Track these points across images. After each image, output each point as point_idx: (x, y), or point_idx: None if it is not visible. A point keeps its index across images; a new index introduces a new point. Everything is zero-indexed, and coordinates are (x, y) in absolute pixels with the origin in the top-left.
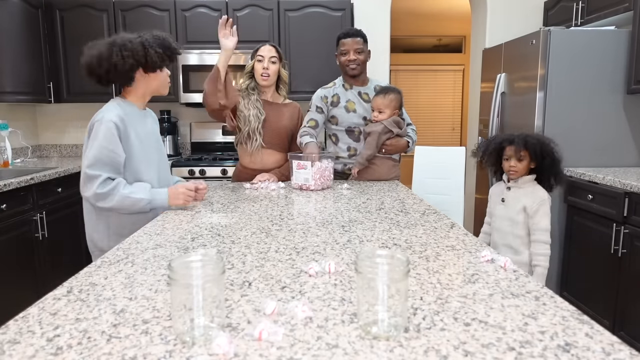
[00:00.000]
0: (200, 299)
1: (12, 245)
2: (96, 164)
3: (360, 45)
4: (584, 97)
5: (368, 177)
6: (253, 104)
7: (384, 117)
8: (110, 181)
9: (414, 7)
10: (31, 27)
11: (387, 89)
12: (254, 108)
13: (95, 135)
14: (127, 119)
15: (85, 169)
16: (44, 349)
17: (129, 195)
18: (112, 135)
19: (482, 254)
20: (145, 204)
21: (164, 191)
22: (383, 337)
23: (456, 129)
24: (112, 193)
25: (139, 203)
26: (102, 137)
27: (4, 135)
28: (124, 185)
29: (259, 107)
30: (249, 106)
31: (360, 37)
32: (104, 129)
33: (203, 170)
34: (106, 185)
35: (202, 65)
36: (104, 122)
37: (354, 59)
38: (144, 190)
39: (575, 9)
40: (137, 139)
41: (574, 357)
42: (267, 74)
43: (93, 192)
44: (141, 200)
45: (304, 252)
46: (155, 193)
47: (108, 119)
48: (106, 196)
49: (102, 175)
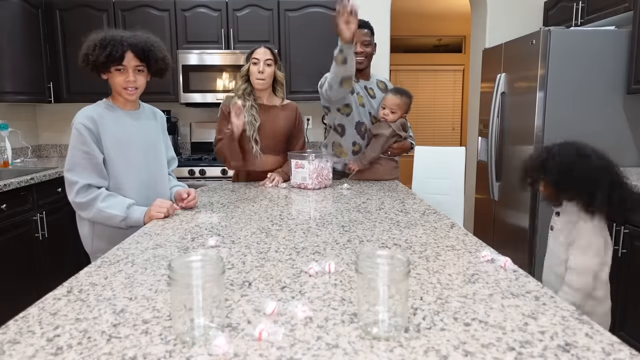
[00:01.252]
0: (200, 299)
1: (12, 245)
2: (74, 168)
3: (367, 38)
4: (584, 97)
5: (370, 176)
6: (248, 111)
7: (394, 118)
8: (91, 189)
9: (414, 7)
10: (31, 27)
11: (403, 91)
12: (249, 115)
13: (71, 139)
14: (100, 120)
15: (65, 173)
16: (44, 349)
17: (104, 210)
18: (82, 136)
19: (482, 254)
20: (119, 221)
21: (140, 210)
22: (383, 337)
23: (456, 129)
24: (89, 205)
25: (113, 219)
26: (74, 139)
27: (4, 135)
28: (102, 197)
29: (254, 114)
30: (245, 113)
31: (368, 28)
32: (74, 131)
33: (203, 170)
34: (86, 195)
35: (202, 65)
36: (74, 125)
37: (360, 51)
38: (120, 207)
39: (575, 9)
40: (112, 140)
41: (574, 357)
42: (262, 77)
43: (72, 200)
44: (116, 217)
45: (304, 252)
46: (132, 211)
47: (77, 122)
48: (84, 207)
49: (79, 182)
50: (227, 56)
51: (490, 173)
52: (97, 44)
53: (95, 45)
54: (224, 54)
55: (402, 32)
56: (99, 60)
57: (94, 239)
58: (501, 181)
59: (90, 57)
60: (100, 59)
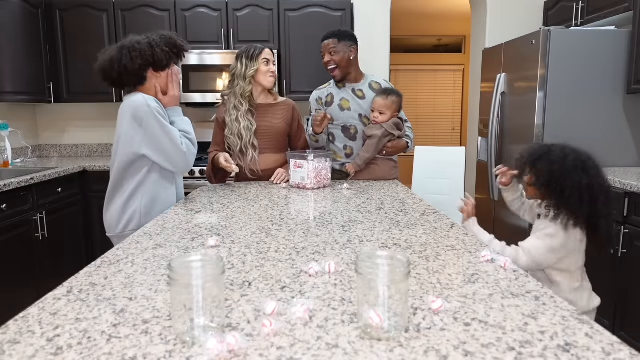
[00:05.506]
0: (200, 299)
1: (12, 245)
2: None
3: (333, 45)
4: (584, 97)
5: (369, 177)
6: (244, 116)
7: (384, 119)
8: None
9: (414, 7)
10: (31, 27)
11: (389, 90)
12: (245, 120)
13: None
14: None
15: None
16: (44, 349)
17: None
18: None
19: (482, 254)
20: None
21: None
22: (383, 338)
23: (456, 129)
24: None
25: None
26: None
27: (4, 135)
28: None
29: (250, 118)
30: (240, 120)
31: (333, 37)
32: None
33: (203, 170)
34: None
35: (202, 65)
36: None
37: (327, 60)
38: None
39: (575, 9)
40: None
41: (574, 357)
42: (274, 76)
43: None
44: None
45: (304, 252)
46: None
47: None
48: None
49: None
50: (227, 56)
51: (491, 173)
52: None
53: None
54: (224, 54)
55: (402, 32)
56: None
57: (123, 219)
58: None
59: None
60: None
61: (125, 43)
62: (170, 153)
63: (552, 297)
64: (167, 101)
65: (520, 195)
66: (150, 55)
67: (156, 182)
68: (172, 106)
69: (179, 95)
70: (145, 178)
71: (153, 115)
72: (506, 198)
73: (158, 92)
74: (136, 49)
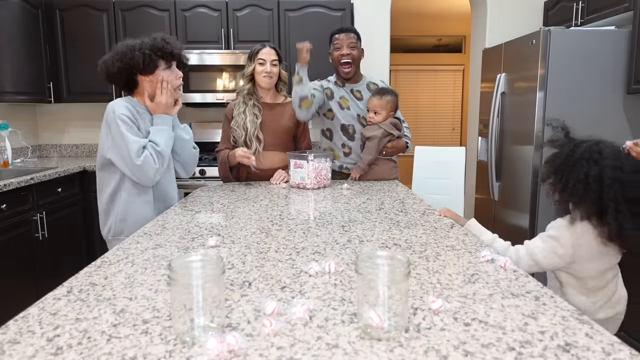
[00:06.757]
0: (200, 299)
1: (12, 245)
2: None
3: (353, 41)
4: (584, 97)
5: (369, 177)
6: (250, 110)
7: (380, 119)
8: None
9: (414, 7)
10: (31, 27)
11: (384, 90)
12: (251, 114)
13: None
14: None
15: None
16: (44, 349)
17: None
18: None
19: (482, 254)
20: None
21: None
22: (383, 338)
23: (456, 129)
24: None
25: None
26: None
27: (4, 135)
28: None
29: (256, 112)
30: (246, 113)
31: (354, 33)
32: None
33: (203, 170)
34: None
35: (202, 65)
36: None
37: (347, 53)
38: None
39: (575, 9)
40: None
41: (574, 357)
42: (269, 76)
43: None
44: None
45: (304, 252)
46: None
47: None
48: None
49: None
50: (227, 56)
51: (490, 173)
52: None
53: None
54: (224, 54)
55: (402, 32)
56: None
57: (114, 221)
58: (501, 181)
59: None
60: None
61: (117, 46)
62: (127, 162)
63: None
64: (152, 107)
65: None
66: (130, 59)
67: (129, 190)
68: (159, 113)
69: (167, 102)
70: (119, 184)
71: (116, 122)
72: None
73: (146, 98)
74: (117, 52)
